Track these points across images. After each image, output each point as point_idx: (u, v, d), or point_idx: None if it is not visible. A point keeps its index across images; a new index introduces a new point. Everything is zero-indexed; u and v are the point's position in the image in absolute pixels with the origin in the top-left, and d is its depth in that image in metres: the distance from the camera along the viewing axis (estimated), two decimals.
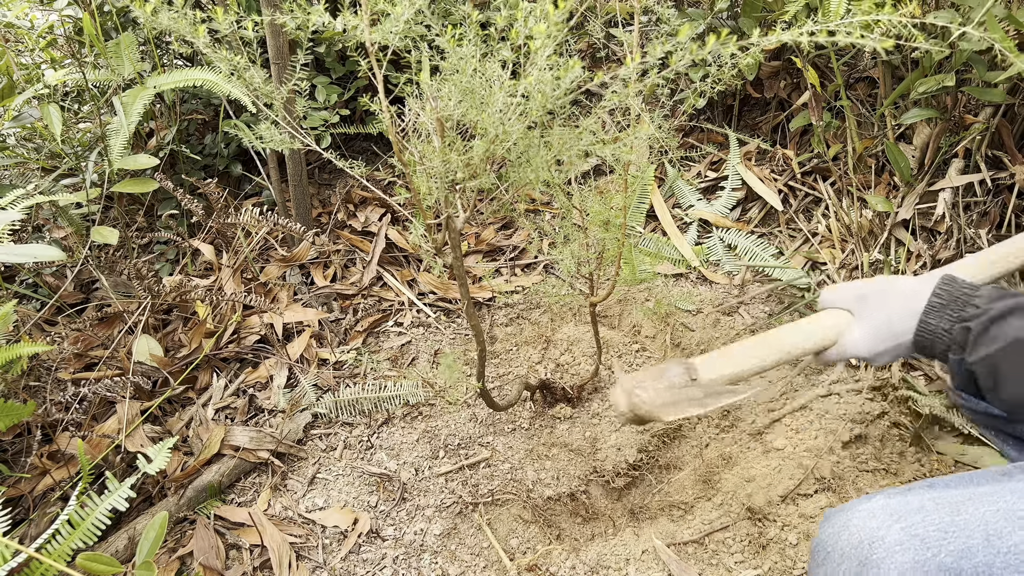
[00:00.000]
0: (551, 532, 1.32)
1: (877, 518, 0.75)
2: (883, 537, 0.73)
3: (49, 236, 1.87)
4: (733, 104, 2.17)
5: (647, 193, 2.04)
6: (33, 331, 1.55)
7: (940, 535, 0.71)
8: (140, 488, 1.34)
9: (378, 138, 2.23)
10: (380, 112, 0.86)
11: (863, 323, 0.92)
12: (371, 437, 1.50)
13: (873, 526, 0.75)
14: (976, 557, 0.68)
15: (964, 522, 0.71)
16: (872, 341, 0.92)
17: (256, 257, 1.90)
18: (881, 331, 0.91)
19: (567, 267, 1.25)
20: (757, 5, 1.81)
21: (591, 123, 0.96)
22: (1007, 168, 1.55)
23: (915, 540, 0.71)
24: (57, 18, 1.87)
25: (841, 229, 1.79)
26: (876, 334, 0.91)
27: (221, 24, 0.86)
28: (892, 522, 0.74)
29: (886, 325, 0.90)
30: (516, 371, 1.63)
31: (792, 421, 1.37)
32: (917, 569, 0.69)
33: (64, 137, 1.89)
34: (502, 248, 2.03)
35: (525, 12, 0.80)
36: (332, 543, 1.29)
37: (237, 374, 1.62)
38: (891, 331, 0.90)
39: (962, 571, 0.68)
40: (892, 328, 0.90)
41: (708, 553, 1.18)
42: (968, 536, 0.70)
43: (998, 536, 0.70)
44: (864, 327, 0.92)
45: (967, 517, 0.72)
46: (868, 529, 0.75)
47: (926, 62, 1.48)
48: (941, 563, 0.69)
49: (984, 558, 0.68)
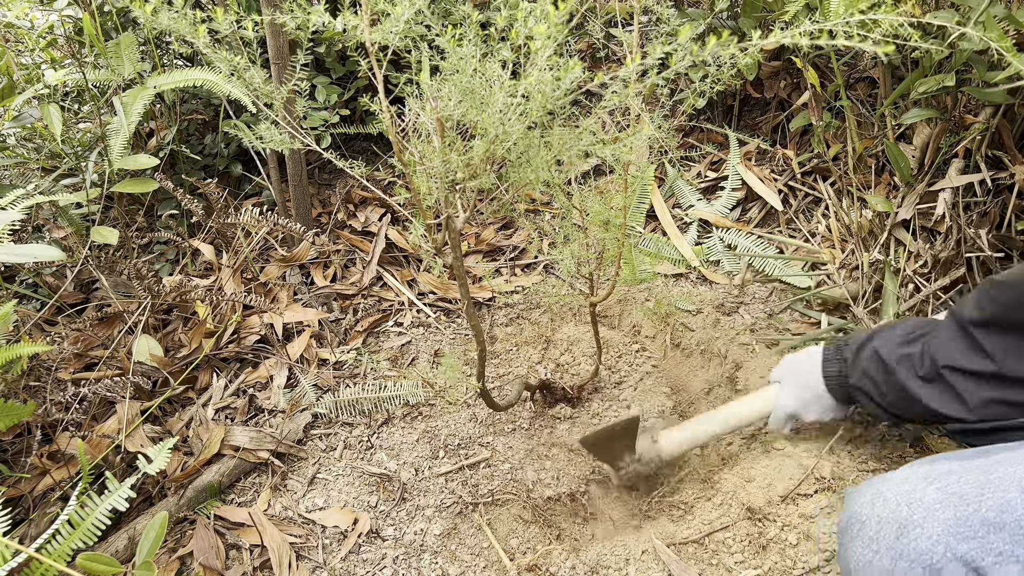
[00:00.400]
0: (551, 532, 1.32)
1: (910, 482, 0.75)
2: (920, 498, 0.72)
3: (49, 236, 1.87)
4: (733, 104, 2.17)
5: (647, 193, 2.04)
6: (33, 331, 1.55)
7: (977, 491, 0.70)
8: (140, 488, 1.34)
9: (378, 138, 2.23)
10: (380, 112, 0.86)
11: (786, 388, 1.19)
12: (371, 437, 1.50)
13: (907, 489, 0.75)
14: (1017, 510, 0.68)
15: (998, 479, 0.71)
16: (795, 399, 1.16)
17: (256, 257, 1.90)
18: (799, 388, 1.16)
19: (567, 267, 1.25)
20: (757, 5, 1.81)
21: (591, 123, 0.96)
22: (1007, 168, 1.55)
23: (954, 498, 0.70)
24: (57, 18, 1.87)
25: (841, 229, 1.79)
26: (796, 392, 1.16)
27: (221, 24, 0.86)
28: (926, 484, 0.74)
29: (803, 383, 1.15)
30: (516, 371, 1.63)
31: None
32: (960, 524, 0.68)
33: (64, 137, 1.89)
34: (502, 248, 2.03)
35: (525, 12, 0.80)
36: (332, 543, 1.29)
37: (237, 374, 1.62)
38: (807, 386, 1.14)
39: (1005, 524, 0.67)
40: (807, 384, 1.14)
41: (708, 553, 1.18)
42: (1005, 491, 0.70)
43: None
44: (787, 389, 1.18)
45: (1000, 475, 0.72)
46: (903, 492, 0.74)
47: (926, 62, 1.48)
48: (984, 517, 0.68)
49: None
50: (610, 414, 1.49)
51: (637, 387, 1.54)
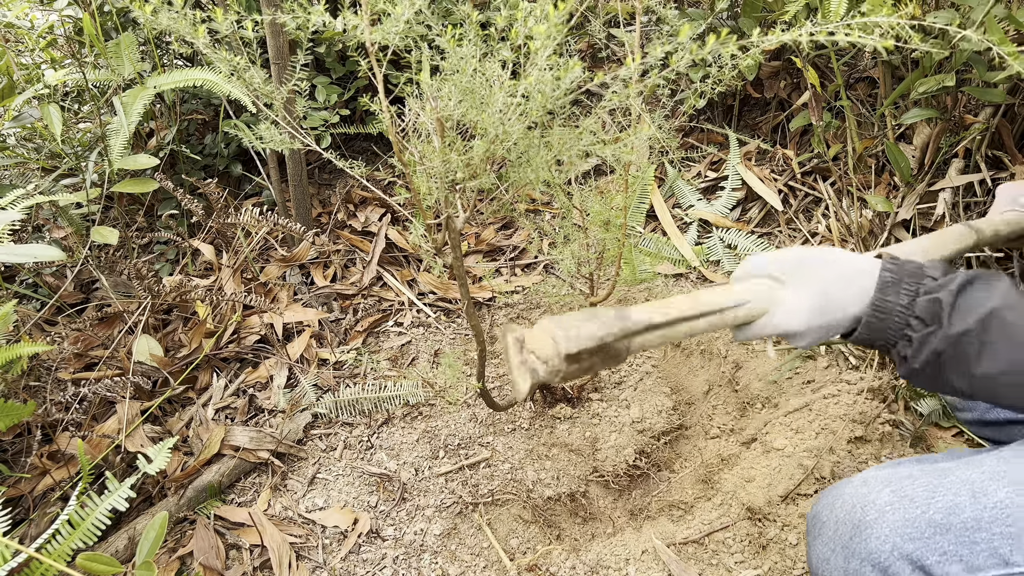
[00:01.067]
0: (551, 532, 1.32)
1: (868, 485, 0.78)
2: (874, 500, 0.76)
3: (49, 236, 1.87)
4: (733, 104, 2.17)
5: (647, 193, 2.04)
6: (33, 331, 1.55)
7: (928, 494, 0.73)
8: (140, 488, 1.34)
9: (378, 138, 2.23)
10: (380, 112, 0.86)
11: (800, 292, 0.79)
12: (371, 437, 1.50)
13: (864, 491, 0.78)
14: (964, 513, 0.71)
15: (951, 483, 0.74)
16: (809, 313, 0.78)
17: (256, 257, 1.90)
18: (820, 302, 0.78)
19: (567, 267, 1.25)
20: (757, 5, 1.81)
21: (591, 123, 0.96)
22: (1007, 168, 1.55)
23: (904, 500, 0.74)
24: (57, 18, 1.87)
25: (841, 229, 1.79)
26: (813, 305, 0.78)
27: (221, 24, 0.86)
28: (882, 487, 0.77)
29: (826, 296, 0.78)
30: None
31: (792, 421, 1.37)
32: (908, 525, 0.71)
33: (64, 137, 1.89)
34: (502, 248, 2.03)
35: (525, 12, 0.80)
36: (332, 543, 1.29)
37: (237, 374, 1.62)
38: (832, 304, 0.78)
39: (951, 526, 0.70)
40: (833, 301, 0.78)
41: (708, 553, 1.18)
42: (955, 494, 0.73)
43: (984, 493, 0.72)
44: (801, 296, 0.78)
45: (953, 479, 0.75)
46: (860, 495, 0.78)
47: (926, 62, 1.48)
48: (931, 519, 0.71)
49: (972, 513, 0.71)
50: (610, 414, 1.49)
51: (637, 387, 1.54)
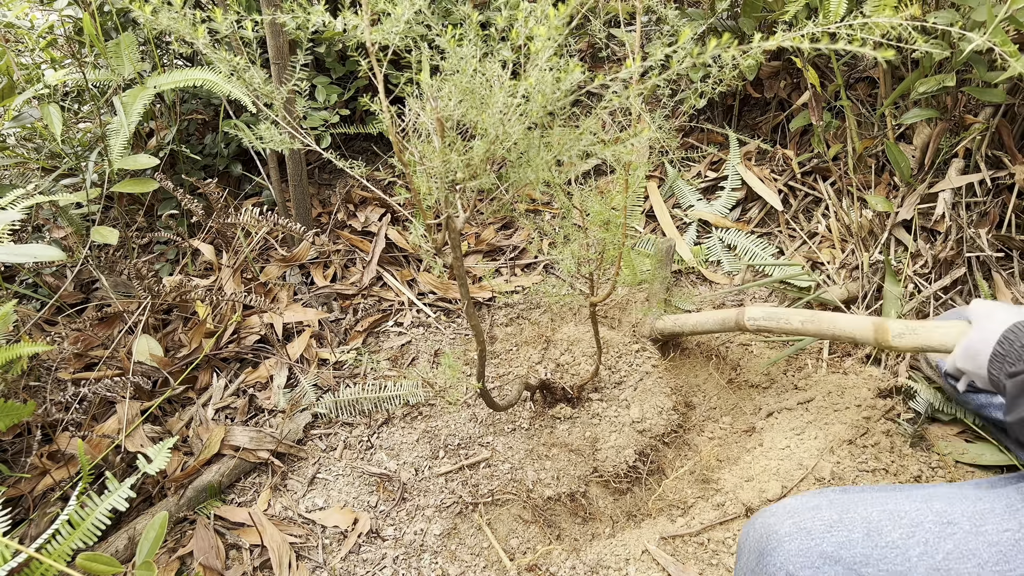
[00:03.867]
0: (551, 532, 1.32)
1: (776, 515, 0.86)
2: (776, 530, 0.84)
3: (49, 236, 1.87)
4: (733, 104, 2.17)
5: (639, 193, 2.04)
6: (33, 331, 1.55)
7: (825, 528, 0.81)
8: (140, 488, 1.34)
9: (378, 138, 2.23)
10: (380, 112, 0.86)
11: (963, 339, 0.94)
12: (371, 437, 1.50)
13: (771, 522, 0.86)
14: (855, 548, 0.79)
15: (850, 519, 0.82)
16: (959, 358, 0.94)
17: (256, 257, 1.90)
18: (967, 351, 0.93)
19: (567, 267, 1.25)
20: (757, 5, 1.81)
21: (591, 123, 0.96)
22: (1007, 168, 1.55)
23: (802, 532, 0.82)
24: (57, 18, 1.87)
25: (841, 229, 1.79)
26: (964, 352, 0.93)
27: (221, 24, 0.86)
28: (786, 517, 0.85)
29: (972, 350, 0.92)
30: (516, 371, 1.63)
31: (792, 421, 1.37)
32: (801, 555, 0.79)
33: (64, 137, 1.89)
34: (502, 248, 2.03)
35: (525, 13, 0.80)
36: (332, 543, 1.29)
37: (237, 374, 1.62)
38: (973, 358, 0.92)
39: (841, 559, 0.78)
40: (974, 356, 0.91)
41: (708, 553, 1.18)
42: (851, 530, 0.80)
43: (878, 532, 0.79)
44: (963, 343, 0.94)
45: (853, 515, 0.82)
46: (767, 525, 0.86)
47: (926, 62, 1.48)
48: (823, 551, 0.79)
49: (862, 550, 0.78)
50: (610, 414, 1.49)
51: (637, 387, 1.54)
